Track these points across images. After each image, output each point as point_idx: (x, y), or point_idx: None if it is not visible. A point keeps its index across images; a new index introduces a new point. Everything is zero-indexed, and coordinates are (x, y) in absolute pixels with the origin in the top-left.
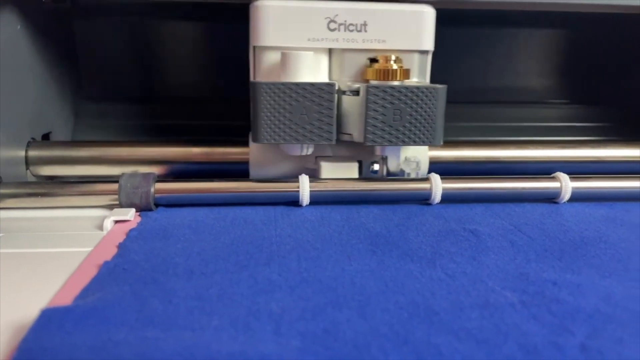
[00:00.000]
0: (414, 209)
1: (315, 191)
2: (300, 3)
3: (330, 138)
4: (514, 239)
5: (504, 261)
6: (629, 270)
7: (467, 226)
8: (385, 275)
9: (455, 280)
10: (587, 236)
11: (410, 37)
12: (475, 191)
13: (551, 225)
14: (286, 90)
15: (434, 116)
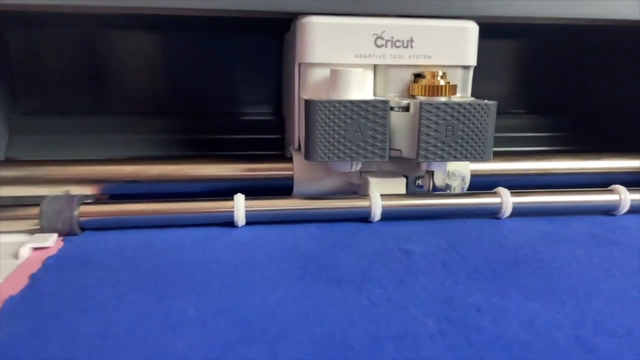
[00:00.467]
0: (353, 227)
1: (251, 211)
2: (348, 19)
3: (384, 155)
4: (446, 259)
5: (432, 284)
6: (556, 292)
7: (403, 245)
8: (308, 304)
9: (378, 308)
10: (521, 254)
11: (455, 52)
12: (416, 208)
13: (488, 243)
14: (341, 108)
15: (486, 132)
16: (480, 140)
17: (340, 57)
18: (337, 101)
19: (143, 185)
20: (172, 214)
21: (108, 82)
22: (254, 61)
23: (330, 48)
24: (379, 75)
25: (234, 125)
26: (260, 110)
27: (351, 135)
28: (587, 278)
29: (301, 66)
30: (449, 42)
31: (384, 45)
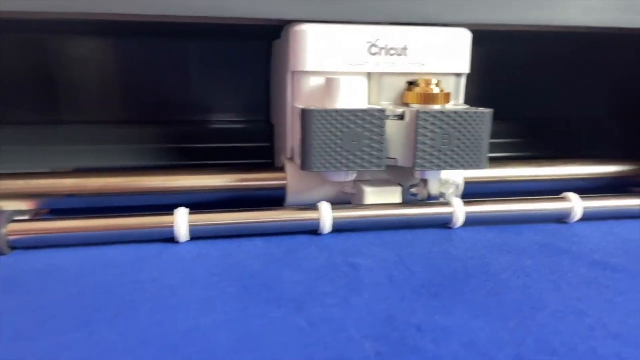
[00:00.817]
0: (302, 240)
1: (193, 225)
2: (342, 27)
3: (380, 164)
4: (393, 273)
5: (375, 301)
6: (502, 307)
7: (350, 259)
8: (243, 327)
9: (317, 329)
10: (470, 266)
11: (449, 60)
12: (367, 219)
13: (437, 255)
14: (338, 117)
15: (481, 139)
16: (475, 148)
17: (334, 65)
18: (334, 110)
19: (84, 199)
20: (109, 230)
21: (60, 90)
22: (241, 68)
23: (323, 56)
24: (373, 83)
25: (220, 133)
26: (247, 117)
27: (348, 145)
28: (534, 290)
29: (294, 74)
30: (442, 49)
31: (378, 53)
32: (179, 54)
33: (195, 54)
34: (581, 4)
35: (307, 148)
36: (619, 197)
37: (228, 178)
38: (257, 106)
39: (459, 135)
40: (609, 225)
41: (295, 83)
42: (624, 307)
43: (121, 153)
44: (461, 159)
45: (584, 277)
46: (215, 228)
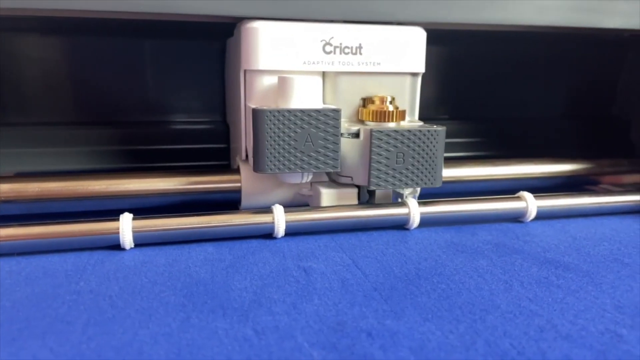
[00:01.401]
0: (254, 245)
1: (140, 231)
2: (295, 25)
3: (336, 165)
4: (346, 276)
5: (326, 307)
6: (453, 309)
7: (303, 263)
8: (183, 339)
9: (263, 339)
10: (423, 267)
11: (404, 59)
12: (322, 222)
13: (391, 257)
14: (291, 117)
15: (435, 157)
16: (430, 166)
17: (288, 63)
18: (287, 110)
19: (22, 205)
20: (47, 238)
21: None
22: (194, 67)
23: (277, 54)
24: (328, 83)
25: (174, 134)
26: (204, 118)
27: (302, 146)
28: (486, 292)
29: (247, 73)
30: (398, 48)
31: (332, 52)
32: (132, 53)
33: (150, 53)
34: (534, 4)
35: (259, 149)
36: (572, 195)
37: (179, 181)
38: (213, 106)
39: (413, 154)
40: (562, 223)
41: (248, 82)
42: (574, 307)
43: (70, 156)
44: (416, 177)
45: (535, 276)
46: (163, 234)
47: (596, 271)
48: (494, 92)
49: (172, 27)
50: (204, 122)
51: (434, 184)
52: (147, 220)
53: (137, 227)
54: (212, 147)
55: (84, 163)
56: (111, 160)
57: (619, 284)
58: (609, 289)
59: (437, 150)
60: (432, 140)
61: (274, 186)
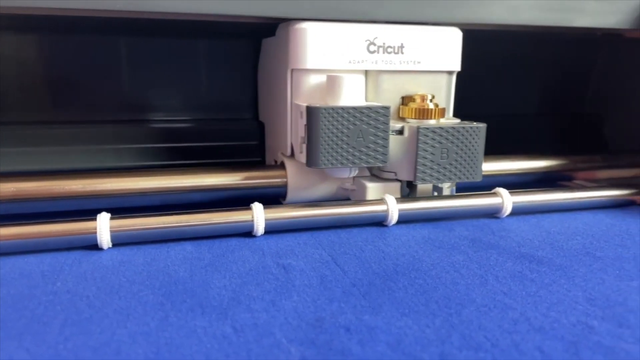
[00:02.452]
0: (234, 244)
1: (117, 231)
2: (341, 25)
3: (385, 160)
4: (325, 273)
5: (304, 303)
6: (429, 304)
7: (282, 261)
8: (162, 338)
9: (241, 336)
10: (401, 263)
11: (442, 58)
12: (301, 219)
13: (370, 253)
14: (344, 114)
15: (477, 153)
16: (472, 161)
17: (334, 63)
18: (341, 107)
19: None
20: (23, 239)
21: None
22: (226, 67)
23: (324, 54)
24: (370, 81)
25: (207, 132)
26: (234, 116)
27: (354, 141)
28: (462, 286)
29: (294, 72)
30: (437, 48)
31: (376, 51)
32: (160, 52)
33: (178, 51)
34: (506, 4)
35: (314, 145)
36: (546, 191)
37: (226, 177)
38: (243, 104)
39: (456, 150)
40: (537, 219)
41: (294, 81)
42: (547, 300)
43: (57, 155)
44: (459, 172)
45: (510, 271)
46: (141, 233)
47: (569, 265)
48: (469, 90)
49: (204, 27)
50: (234, 120)
51: (475, 178)
52: (125, 220)
53: (115, 227)
54: (242, 145)
55: (117, 161)
56: (146, 157)
57: (591, 277)
58: (581, 282)
59: (478, 146)
60: (474, 137)
61: (319, 181)
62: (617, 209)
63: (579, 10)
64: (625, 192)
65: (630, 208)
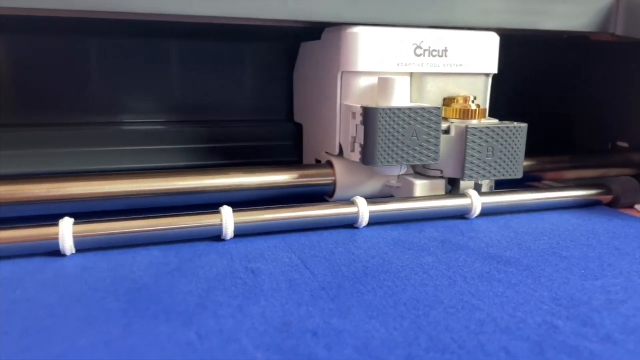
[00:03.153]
0: (202, 248)
1: (80, 237)
2: (390, 30)
3: (436, 157)
4: (294, 277)
5: (272, 308)
6: (397, 306)
7: (251, 265)
8: (124, 346)
9: (206, 343)
10: (371, 265)
11: (482, 61)
12: (271, 222)
13: (340, 256)
14: (400, 114)
15: (519, 151)
16: (514, 158)
17: (383, 65)
18: (397, 108)
19: None
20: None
21: None
22: (258, 68)
23: (374, 57)
24: (414, 83)
25: (243, 133)
26: (268, 117)
27: (408, 140)
28: (430, 288)
29: (344, 74)
30: (477, 51)
31: (422, 55)
32: (195, 55)
33: (214, 55)
34: (477, 6)
35: (371, 144)
36: (515, 192)
37: (275, 177)
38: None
39: (501, 148)
40: (506, 219)
41: (344, 83)
42: (513, 300)
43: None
44: (502, 169)
45: (478, 271)
46: (106, 238)
47: (535, 265)
48: None
49: (239, 30)
50: (267, 121)
51: (517, 175)
52: (89, 225)
53: (78, 232)
54: (276, 145)
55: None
56: (191, 157)
57: (556, 276)
58: (547, 282)
59: (520, 144)
60: (517, 136)
61: (366, 178)
62: (583, 208)
63: (546, 13)
64: (591, 192)
65: (597, 208)
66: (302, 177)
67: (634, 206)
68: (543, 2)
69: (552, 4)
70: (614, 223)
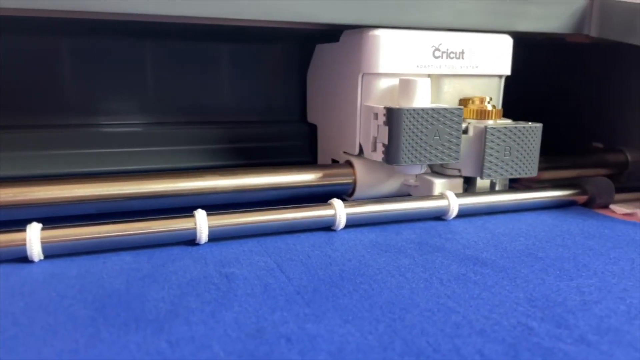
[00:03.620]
0: (176, 252)
1: (49, 242)
2: (410, 32)
3: (457, 157)
4: (269, 281)
5: (246, 314)
6: (373, 310)
7: (225, 269)
8: (91, 355)
9: (177, 351)
10: (347, 269)
11: (496, 63)
12: (246, 226)
13: (316, 259)
14: (424, 115)
15: (535, 150)
16: (530, 157)
17: (403, 67)
18: (421, 109)
19: None
20: None
21: None
22: (273, 70)
23: (394, 59)
24: (433, 85)
25: (256, 134)
26: (281, 118)
27: (431, 140)
28: (406, 290)
29: (364, 76)
30: (492, 53)
31: (440, 57)
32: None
33: (226, 56)
34: (452, 8)
35: (395, 144)
36: (492, 193)
37: (297, 176)
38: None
39: (518, 147)
40: (483, 220)
41: (365, 84)
42: (489, 302)
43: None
44: (519, 168)
45: (454, 273)
46: (75, 244)
47: (512, 266)
48: None
49: (254, 32)
50: (280, 121)
51: (532, 173)
52: (58, 230)
53: (47, 238)
54: (289, 145)
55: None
56: (206, 158)
57: (532, 277)
58: (523, 283)
59: (535, 144)
60: (533, 135)
61: (386, 178)
62: (560, 209)
63: (522, 15)
64: (567, 192)
65: (573, 208)
66: (323, 177)
67: (609, 206)
68: (518, 4)
69: (527, 5)
70: (588, 223)
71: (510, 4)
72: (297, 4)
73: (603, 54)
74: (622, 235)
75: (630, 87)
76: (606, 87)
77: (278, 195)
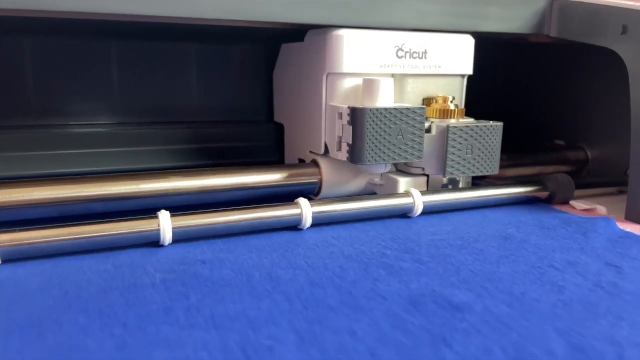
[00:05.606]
0: (138, 255)
1: (4, 246)
2: (374, 32)
3: (420, 156)
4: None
5: None
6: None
7: (192, 268)
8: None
9: None
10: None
11: (458, 63)
12: (211, 226)
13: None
14: (387, 114)
15: (496, 148)
16: (492, 155)
17: (367, 67)
18: (384, 108)
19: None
20: None
21: None
22: (238, 70)
23: (358, 59)
24: (396, 84)
25: (222, 134)
26: (247, 118)
27: (394, 139)
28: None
29: (329, 76)
30: (454, 53)
31: (403, 57)
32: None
33: (195, 57)
34: (415, 9)
35: (359, 143)
36: (456, 190)
37: (261, 176)
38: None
39: (479, 146)
40: (446, 217)
41: (329, 84)
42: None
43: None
44: (480, 166)
45: (405, 268)
46: (33, 248)
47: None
48: None
49: (219, 32)
50: (246, 121)
51: (494, 171)
52: (15, 234)
53: (3, 242)
54: (256, 145)
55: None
56: (173, 158)
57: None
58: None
59: (497, 142)
60: (494, 134)
61: (351, 177)
62: (521, 205)
63: (484, 16)
64: (529, 189)
65: (534, 204)
66: (289, 176)
67: (569, 202)
68: (480, 5)
69: (488, 6)
70: (534, 217)
71: (472, 5)
72: (261, 4)
73: (565, 53)
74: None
75: (590, 86)
76: (568, 86)
77: (244, 196)
